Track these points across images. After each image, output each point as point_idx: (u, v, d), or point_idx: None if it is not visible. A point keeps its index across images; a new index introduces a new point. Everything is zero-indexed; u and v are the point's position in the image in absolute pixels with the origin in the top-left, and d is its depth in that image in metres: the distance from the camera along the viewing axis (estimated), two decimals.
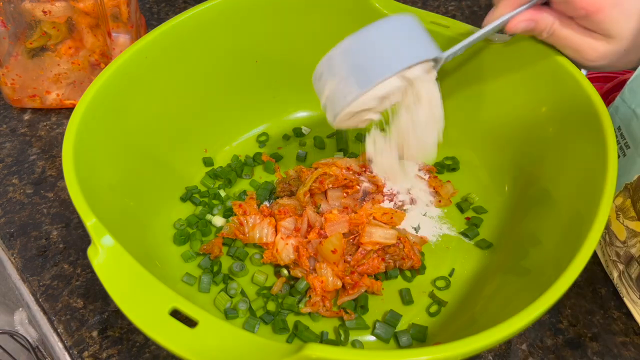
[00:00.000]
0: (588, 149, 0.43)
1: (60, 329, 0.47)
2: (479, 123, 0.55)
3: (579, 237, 0.36)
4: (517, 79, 0.51)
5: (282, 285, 0.48)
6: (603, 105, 0.43)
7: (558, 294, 0.33)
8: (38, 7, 0.58)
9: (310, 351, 0.30)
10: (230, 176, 0.56)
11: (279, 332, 0.45)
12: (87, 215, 0.37)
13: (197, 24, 0.53)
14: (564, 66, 0.47)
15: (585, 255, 0.35)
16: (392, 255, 0.48)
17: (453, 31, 0.53)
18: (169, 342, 0.32)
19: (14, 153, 0.61)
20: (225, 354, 0.32)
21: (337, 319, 0.46)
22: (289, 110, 0.62)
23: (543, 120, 0.49)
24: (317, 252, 0.47)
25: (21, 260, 0.52)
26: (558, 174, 0.47)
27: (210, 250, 0.50)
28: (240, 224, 0.51)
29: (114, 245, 0.36)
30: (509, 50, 0.51)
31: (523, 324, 0.32)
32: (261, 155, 0.59)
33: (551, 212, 0.45)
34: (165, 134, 0.54)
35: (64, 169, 0.40)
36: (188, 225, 0.52)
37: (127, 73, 0.49)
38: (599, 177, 0.39)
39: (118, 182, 0.47)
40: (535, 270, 0.43)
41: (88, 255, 0.36)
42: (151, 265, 0.45)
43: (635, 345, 0.45)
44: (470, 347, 0.31)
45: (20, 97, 0.65)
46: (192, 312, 0.34)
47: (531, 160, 0.50)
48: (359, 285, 0.46)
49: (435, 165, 0.57)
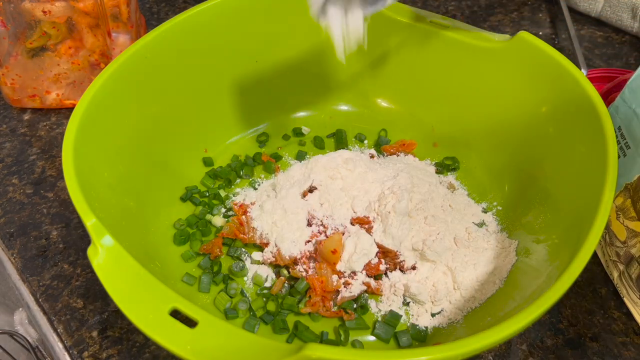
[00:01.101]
0: (588, 149, 0.43)
1: (60, 329, 0.47)
2: (479, 123, 0.55)
3: (579, 237, 0.36)
4: (517, 78, 0.51)
5: (282, 286, 0.48)
6: (603, 105, 0.43)
7: (558, 294, 0.33)
8: (38, 7, 0.58)
9: (310, 351, 0.30)
10: (230, 176, 0.56)
11: (279, 332, 0.45)
12: (87, 215, 0.37)
13: (197, 23, 0.53)
14: (564, 66, 0.47)
15: (585, 255, 0.35)
16: (391, 259, 0.48)
17: (453, 31, 0.53)
18: (168, 342, 0.32)
19: (13, 153, 0.61)
20: (225, 354, 0.32)
21: (337, 319, 0.46)
22: (289, 110, 0.62)
23: (543, 120, 0.49)
24: (317, 252, 0.47)
25: (21, 260, 0.52)
26: (558, 174, 0.47)
27: (210, 250, 0.50)
28: (240, 224, 0.51)
29: (114, 245, 0.36)
30: (509, 50, 0.51)
31: (522, 324, 0.32)
32: (261, 155, 0.59)
33: (551, 212, 0.45)
34: (165, 134, 0.54)
35: (64, 168, 0.40)
36: (188, 225, 0.52)
37: (127, 73, 0.49)
38: (599, 177, 0.39)
39: (118, 182, 0.47)
40: (536, 270, 0.43)
41: (88, 255, 0.36)
42: (151, 266, 0.45)
43: (635, 345, 0.45)
44: (470, 347, 0.31)
45: (20, 97, 0.65)
46: (192, 312, 0.34)
47: (531, 160, 0.50)
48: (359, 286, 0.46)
49: (435, 165, 0.57)
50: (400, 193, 0.48)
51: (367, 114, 0.62)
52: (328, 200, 0.49)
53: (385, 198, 0.48)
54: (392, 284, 0.47)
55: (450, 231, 0.48)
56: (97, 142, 0.45)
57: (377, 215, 0.48)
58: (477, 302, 0.45)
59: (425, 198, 0.49)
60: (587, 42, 0.73)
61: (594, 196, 0.38)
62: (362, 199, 0.49)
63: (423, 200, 0.49)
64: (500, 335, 0.31)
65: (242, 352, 0.32)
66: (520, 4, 0.80)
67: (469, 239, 0.49)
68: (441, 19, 0.54)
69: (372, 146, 0.60)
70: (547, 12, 0.78)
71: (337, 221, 0.48)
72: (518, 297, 0.42)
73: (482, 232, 0.50)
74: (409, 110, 0.60)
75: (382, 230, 0.47)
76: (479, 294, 0.46)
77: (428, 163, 0.57)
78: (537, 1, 0.80)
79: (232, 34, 0.56)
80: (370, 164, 0.52)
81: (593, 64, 0.70)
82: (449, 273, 0.47)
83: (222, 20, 0.54)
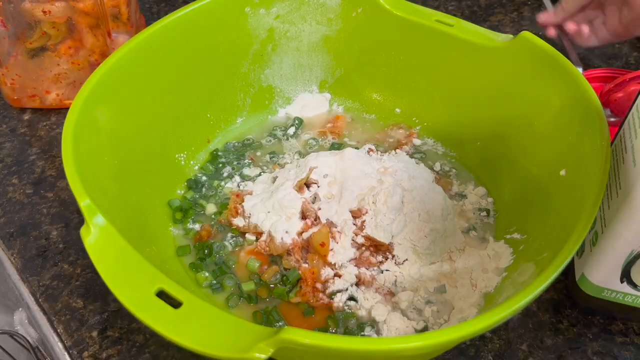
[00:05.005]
0: (586, 149, 0.43)
1: (60, 329, 0.47)
2: (479, 121, 0.55)
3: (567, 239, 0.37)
4: (518, 78, 0.51)
5: (273, 274, 0.48)
6: (600, 106, 0.43)
7: (536, 288, 0.34)
8: (38, 7, 0.58)
9: (287, 334, 0.31)
10: (230, 166, 0.57)
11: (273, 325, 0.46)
12: (81, 195, 0.38)
13: (196, 19, 0.54)
14: (564, 67, 0.47)
15: (565, 257, 0.35)
16: (383, 252, 0.48)
17: (457, 30, 0.54)
18: (152, 322, 0.33)
19: (13, 153, 0.61)
20: (205, 334, 0.33)
21: (327, 309, 0.47)
22: (286, 105, 0.63)
23: (542, 120, 0.49)
24: (309, 244, 0.48)
25: (21, 260, 0.52)
26: (557, 173, 0.47)
27: (201, 234, 0.51)
28: (236, 212, 0.51)
29: (106, 225, 0.37)
30: (511, 49, 0.51)
31: (497, 318, 0.33)
32: (259, 151, 0.59)
33: (551, 213, 0.45)
34: (164, 127, 0.54)
35: (63, 152, 0.41)
36: (182, 204, 0.53)
37: (128, 64, 0.50)
38: (593, 178, 0.39)
39: (118, 170, 0.47)
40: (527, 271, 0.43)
41: (81, 234, 0.37)
42: (147, 250, 0.45)
43: (635, 345, 0.45)
44: (450, 336, 0.32)
45: (20, 97, 0.65)
46: (177, 293, 0.34)
47: (531, 159, 0.50)
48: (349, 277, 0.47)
49: (434, 166, 0.57)
50: (394, 188, 0.48)
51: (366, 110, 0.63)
52: (323, 194, 0.50)
53: (379, 192, 0.48)
54: (384, 277, 0.47)
55: (443, 228, 0.48)
56: (97, 136, 0.46)
57: (370, 209, 0.48)
58: (469, 300, 0.45)
59: (420, 194, 0.50)
60: None
61: (586, 198, 0.39)
62: (356, 193, 0.49)
63: (418, 196, 0.49)
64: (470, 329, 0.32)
65: (223, 332, 0.33)
66: (520, 4, 0.80)
67: (462, 238, 0.50)
68: (446, 18, 0.54)
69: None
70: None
71: (331, 214, 0.49)
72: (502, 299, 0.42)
73: (476, 231, 0.51)
74: (410, 109, 0.61)
75: (374, 224, 0.47)
76: (471, 293, 0.46)
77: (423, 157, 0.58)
78: (537, 1, 0.80)
79: (230, 30, 0.57)
80: (367, 159, 0.52)
81: (593, 64, 0.70)
82: (441, 269, 0.47)
83: (219, 15, 0.55)
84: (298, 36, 0.60)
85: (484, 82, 0.54)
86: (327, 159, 0.52)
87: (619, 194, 0.40)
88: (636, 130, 0.39)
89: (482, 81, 0.54)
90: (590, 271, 0.43)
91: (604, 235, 0.41)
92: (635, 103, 0.41)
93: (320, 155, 0.53)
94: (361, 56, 0.61)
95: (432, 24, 0.55)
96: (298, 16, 0.59)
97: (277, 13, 0.59)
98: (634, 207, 0.38)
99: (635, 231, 0.39)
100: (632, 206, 0.38)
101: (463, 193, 0.54)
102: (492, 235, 0.50)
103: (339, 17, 0.60)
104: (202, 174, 0.57)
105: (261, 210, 0.50)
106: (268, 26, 0.59)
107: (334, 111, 0.64)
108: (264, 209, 0.50)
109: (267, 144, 0.60)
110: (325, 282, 0.47)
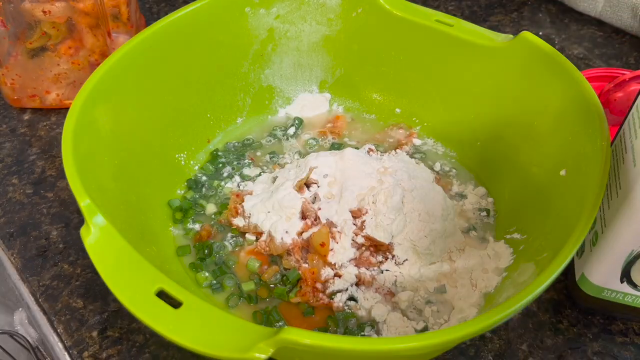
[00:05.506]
0: (586, 149, 0.43)
1: (60, 329, 0.47)
2: (479, 121, 0.55)
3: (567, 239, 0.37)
4: (518, 78, 0.51)
5: (273, 274, 0.48)
6: (600, 107, 0.43)
7: (536, 288, 0.34)
8: (38, 7, 0.58)
9: (287, 334, 0.31)
10: (230, 166, 0.57)
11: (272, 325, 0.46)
12: (81, 195, 0.38)
13: (196, 19, 0.54)
14: (563, 66, 0.47)
15: (564, 257, 0.35)
16: (383, 252, 0.48)
17: (457, 30, 0.54)
18: (152, 322, 0.33)
19: (13, 153, 0.61)
20: (205, 334, 0.33)
21: (327, 309, 0.47)
22: (286, 105, 0.63)
23: (542, 120, 0.49)
24: (309, 244, 0.48)
25: (21, 260, 0.52)
26: (557, 173, 0.47)
27: (201, 234, 0.51)
28: (236, 212, 0.51)
29: (106, 225, 0.37)
30: (511, 49, 0.51)
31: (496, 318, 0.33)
32: (259, 151, 0.59)
33: (551, 213, 0.45)
34: (164, 127, 0.54)
35: (63, 151, 0.41)
36: (182, 204, 0.53)
37: (128, 64, 0.50)
38: (592, 178, 0.39)
39: (118, 170, 0.47)
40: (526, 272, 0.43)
41: (81, 234, 0.37)
42: (147, 250, 0.45)
43: (635, 345, 0.46)
44: (450, 336, 0.32)
45: (20, 97, 0.65)
46: (176, 293, 0.34)
47: (531, 159, 0.50)
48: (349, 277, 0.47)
49: (434, 166, 0.57)
50: (394, 188, 0.48)
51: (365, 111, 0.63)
52: (323, 194, 0.50)
53: (379, 192, 0.48)
54: (384, 277, 0.47)
55: (443, 228, 0.48)
56: (97, 137, 0.46)
57: (370, 209, 0.48)
58: (469, 300, 0.45)
59: (420, 194, 0.50)
60: (587, 42, 0.73)
61: (589, 197, 0.38)
62: (356, 193, 0.49)
63: (418, 196, 0.49)
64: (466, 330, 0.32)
65: (223, 332, 0.33)
66: (520, 4, 0.80)
67: (462, 238, 0.49)
68: (446, 18, 0.54)
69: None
70: (547, 12, 0.79)
71: (331, 214, 0.49)
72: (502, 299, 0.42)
73: (476, 231, 0.51)
74: (410, 109, 0.61)
75: (374, 224, 0.48)
76: (471, 293, 0.46)
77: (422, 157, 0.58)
78: (537, 1, 0.80)
79: (231, 29, 0.57)
80: (367, 159, 0.52)
81: (593, 64, 0.70)
82: (441, 269, 0.47)
83: (219, 14, 0.55)
84: (298, 36, 0.61)
85: (484, 82, 0.54)
86: (327, 159, 0.52)
87: (619, 194, 0.40)
88: (636, 130, 0.39)
89: (482, 81, 0.54)
90: (590, 271, 0.43)
91: (604, 235, 0.41)
92: (635, 103, 0.41)
93: (320, 155, 0.53)
94: (361, 56, 0.61)
95: (432, 24, 0.55)
96: (298, 16, 0.60)
97: (277, 13, 0.59)
98: (634, 207, 0.38)
99: (635, 231, 0.39)
100: (632, 206, 0.38)
101: (463, 193, 0.54)
102: (492, 235, 0.50)
103: (339, 17, 0.60)
104: (202, 174, 0.57)
105: (261, 210, 0.50)
106: (268, 26, 0.59)
107: (334, 111, 0.64)
108: (264, 209, 0.50)
109: (267, 144, 0.60)
110: (325, 282, 0.47)
